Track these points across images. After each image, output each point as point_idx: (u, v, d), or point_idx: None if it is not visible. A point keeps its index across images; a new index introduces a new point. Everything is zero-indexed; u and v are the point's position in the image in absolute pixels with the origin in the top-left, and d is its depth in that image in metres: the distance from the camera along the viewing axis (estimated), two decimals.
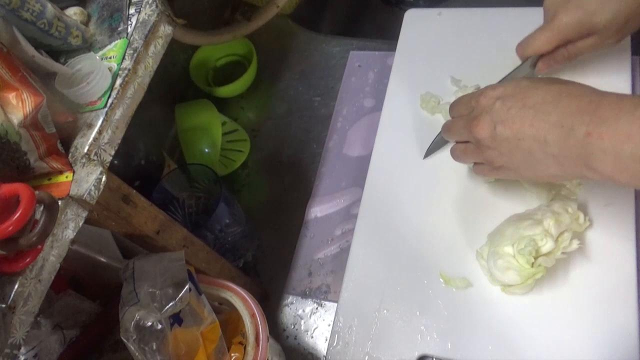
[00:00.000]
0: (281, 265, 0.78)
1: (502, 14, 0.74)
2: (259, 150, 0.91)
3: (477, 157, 0.55)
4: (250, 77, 0.94)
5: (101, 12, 0.54)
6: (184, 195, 0.76)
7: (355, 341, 0.60)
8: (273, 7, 0.86)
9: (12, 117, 0.41)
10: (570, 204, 0.56)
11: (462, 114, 0.56)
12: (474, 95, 0.54)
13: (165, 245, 0.56)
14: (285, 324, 0.74)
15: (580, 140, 0.45)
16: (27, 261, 0.39)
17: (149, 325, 0.50)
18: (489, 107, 0.51)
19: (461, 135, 0.56)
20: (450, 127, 0.58)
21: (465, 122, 0.54)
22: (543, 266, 0.53)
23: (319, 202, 0.81)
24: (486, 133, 0.51)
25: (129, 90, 0.49)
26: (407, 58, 0.76)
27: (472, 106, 0.54)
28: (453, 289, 0.59)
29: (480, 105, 0.52)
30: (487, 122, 0.51)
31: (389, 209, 0.66)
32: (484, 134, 0.51)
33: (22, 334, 0.39)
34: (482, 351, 0.55)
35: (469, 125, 0.53)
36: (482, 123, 0.51)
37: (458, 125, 0.56)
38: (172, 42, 0.55)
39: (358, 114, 0.87)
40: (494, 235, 0.58)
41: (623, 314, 0.53)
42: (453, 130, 0.58)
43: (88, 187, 0.44)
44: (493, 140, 0.51)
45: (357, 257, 0.65)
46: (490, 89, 0.52)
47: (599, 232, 0.57)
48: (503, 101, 0.50)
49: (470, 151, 0.56)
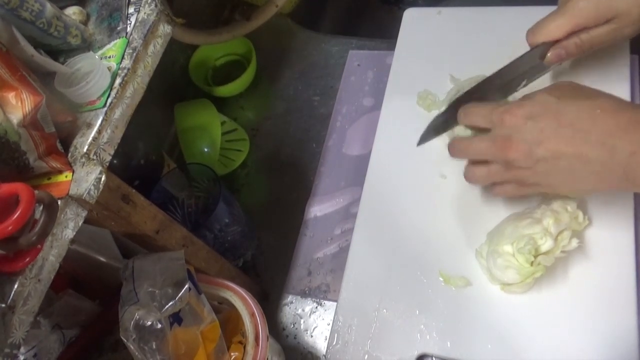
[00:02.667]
0: (281, 265, 0.78)
1: (501, 12, 0.74)
2: (258, 150, 0.91)
3: (502, 177, 0.53)
4: (249, 76, 0.94)
5: (100, 11, 0.54)
6: (184, 194, 0.76)
7: (354, 340, 0.60)
8: (272, 6, 0.86)
9: (12, 116, 0.41)
10: (569, 202, 0.56)
11: (477, 125, 0.54)
12: (496, 110, 0.51)
13: (165, 245, 0.56)
14: (285, 323, 0.74)
15: (625, 159, 0.45)
16: (26, 261, 0.39)
17: (148, 325, 0.50)
18: (518, 127, 0.49)
19: (484, 156, 0.54)
20: (468, 147, 0.55)
21: (490, 142, 0.52)
22: (542, 265, 0.53)
23: (319, 201, 0.81)
24: (521, 155, 0.49)
25: (128, 89, 0.49)
26: (407, 57, 0.76)
27: (492, 121, 0.52)
28: (452, 288, 0.59)
29: (506, 125, 0.50)
30: (521, 143, 0.49)
31: (388, 208, 0.66)
32: (518, 155, 0.50)
33: (22, 334, 0.39)
34: (482, 350, 0.55)
35: (498, 147, 0.51)
36: (516, 145, 0.49)
37: (480, 146, 0.53)
38: (172, 42, 0.55)
39: (357, 113, 0.87)
40: (494, 234, 0.58)
41: (622, 312, 0.53)
42: (472, 150, 0.55)
43: (87, 186, 0.44)
44: (528, 162, 0.50)
45: (357, 256, 0.65)
46: (515, 107, 0.50)
47: (598, 231, 0.57)
48: (534, 121, 0.49)
49: (494, 172, 0.53)
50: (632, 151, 0.45)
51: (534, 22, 0.60)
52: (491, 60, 0.68)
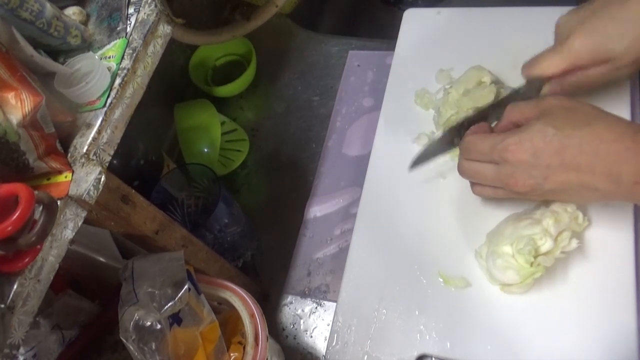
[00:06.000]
0: (280, 265, 0.78)
1: (501, 13, 0.74)
2: (258, 150, 0.91)
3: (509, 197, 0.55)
4: (249, 76, 0.94)
5: (100, 11, 0.54)
6: (183, 195, 0.76)
7: (354, 341, 0.60)
8: (272, 6, 0.86)
9: (11, 116, 0.41)
10: (569, 204, 0.56)
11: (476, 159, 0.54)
12: (496, 148, 0.51)
13: (165, 245, 0.56)
14: (285, 323, 0.74)
15: (629, 188, 0.47)
16: (26, 261, 0.39)
17: (148, 325, 0.50)
18: (520, 163, 0.50)
19: (492, 183, 0.54)
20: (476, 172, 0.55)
21: (497, 176, 0.52)
22: (542, 265, 0.53)
23: (318, 201, 0.81)
24: (529, 189, 0.51)
25: (128, 89, 0.49)
26: (406, 57, 0.76)
27: (494, 159, 0.52)
28: (452, 289, 0.59)
29: (508, 161, 0.50)
30: (528, 179, 0.50)
31: (388, 208, 0.66)
32: (526, 189, 0.51)
33: (21, 334, 0.39)
34: (481, 351, 0.55)
35: (505, 183, 0.52)
36: (523, 181, 0.50)
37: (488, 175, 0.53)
38: (171, 42, 0.55)
39: (357, 113, 0.87)
40: (493, 234, 0.58)
41: (622, 313, 0.53)
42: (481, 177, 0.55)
43: (87, 187, 0.43)
44: (535, 193, 0.51)
45: (356, 257, 0.65)
46: (515, 145, 0.50)
47: (598, 232, 0.57)
48: (536, 157, 0.49)
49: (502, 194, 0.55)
50: (635, 181, 0.46)
51: (534, 22, 0.60)
52: (491, 61, 0.69)
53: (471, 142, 0.55)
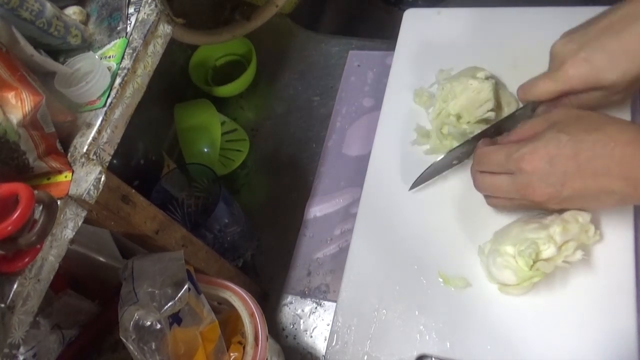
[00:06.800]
0: (280, 265, 0.78)
1: (501, 13, 0.74)
2: (258, 150, 0.91)
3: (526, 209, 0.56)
4: (249, 76, 0.94)
5: (100, 11, 0.54)
6: (183, 195, 0.76)
7: (354, 341, 0.60)
8: (272, 6, 0.86)
9: (11, 116, 0.41)
10: (583, 214, 0.54)
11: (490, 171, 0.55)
12: (511, 158, 0.52)
13: (165, 245, 0.56)
14: (285, 323, 0.74)
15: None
16: (26, 261, 0.39)
17: (148, 325, 0.50)
18: (537, 171, 0.50)
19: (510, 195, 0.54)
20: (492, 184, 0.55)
21: (513, 187, 0.53)
22: (541, 271, 0.53)
23: (318, 201, 0.81)
24: (547, 197, 0.51)
25: (128, 89, 0.49)
26: (407, 57, 0.76)
27: (509, 169, 0.52)
28: (452, 289, 0.59)
29: (524, 170, 0.51)
30: (545, 187, 0.50)
31: (388, 208, 0.66)
32: (544, 198, 0.51)
33: (21, 334, 0.39)
34: (481, 351, 0.55)
35: (522, 193, 0.52)
36: (540, 189, 0.51)
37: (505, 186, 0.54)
38: (172, 42, 0.55)
39: (357, 113, 0.87)
40: (500, 233, 0.58)
41: (622, 315, 0.53)
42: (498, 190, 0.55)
43: (87, 186, 0.44)
44: (554, 201, 0.51)
45: (356, 257, 0.65)
46: (530, 154, 0.50)
47: (600, 241, 0.57)
48: (552, 164, 0.49)
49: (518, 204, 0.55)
50: None
51: (534, 22, 0.60)
52: (491, 61, 0.69)
53: (485, 154, 0.55)
